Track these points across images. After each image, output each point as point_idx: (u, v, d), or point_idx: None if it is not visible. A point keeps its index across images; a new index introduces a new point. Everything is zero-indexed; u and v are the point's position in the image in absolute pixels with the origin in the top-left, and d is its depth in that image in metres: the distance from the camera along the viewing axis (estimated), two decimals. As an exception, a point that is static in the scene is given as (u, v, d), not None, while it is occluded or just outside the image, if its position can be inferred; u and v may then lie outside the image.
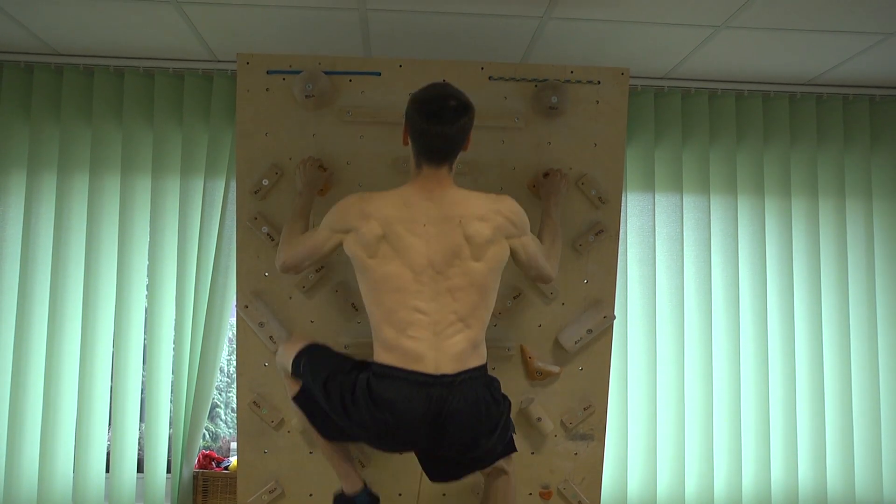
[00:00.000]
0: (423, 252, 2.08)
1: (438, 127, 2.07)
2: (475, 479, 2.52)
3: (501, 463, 2.27)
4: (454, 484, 2.41)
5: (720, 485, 3.32)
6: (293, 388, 2.33)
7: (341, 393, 2.11)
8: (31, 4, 2.75)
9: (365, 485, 2.35)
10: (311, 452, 2.68)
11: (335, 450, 2.32)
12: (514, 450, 2.28)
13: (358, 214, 2.13)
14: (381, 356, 2.09)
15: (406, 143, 2.20)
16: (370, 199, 2.15)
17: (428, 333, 2.06)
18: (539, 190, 2.61)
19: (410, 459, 2.44)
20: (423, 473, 2.29)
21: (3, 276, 3.22)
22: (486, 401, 2.09)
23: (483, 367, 2.13)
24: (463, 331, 2.08)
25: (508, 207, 2.17)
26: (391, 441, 2.13)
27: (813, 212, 3.42)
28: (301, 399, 2.29)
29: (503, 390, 2.23)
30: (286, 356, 2.36)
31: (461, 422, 2.04)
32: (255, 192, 2.63)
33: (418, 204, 2.11)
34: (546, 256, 2.33)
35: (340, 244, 2.18)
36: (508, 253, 2.17)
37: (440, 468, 2.26)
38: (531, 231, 2.27)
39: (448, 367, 2.05)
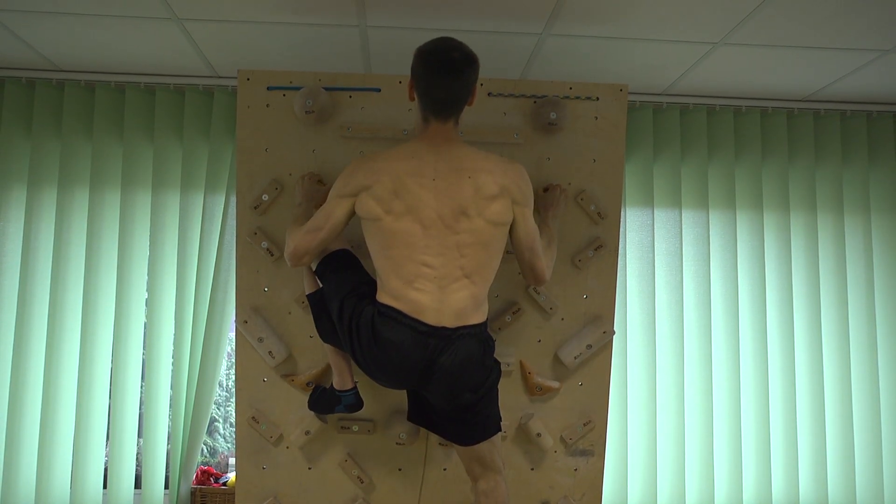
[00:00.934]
0: (433, 206, 2.10)
1: (443, 79, 2.10)
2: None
3: (489, 455, 2.26)
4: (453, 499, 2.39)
5: (721, 499, 3.31)
6: (311, 284, 2.39)
7: (350, 317, 2.16)
8: (32, 21, 2.76)
9: (355, 385, 2.44)
10: (309, 468, 2.67)
11: (335, 346, 2.38)
12: (499, 429, 2.29)
13: (367, 172, 2.14)
14: (386, 300, 2.12)
15: (412, 98, 2.21)
16: (376, 157, 2.17)
17: (433, 286, 2.09)
18: (538, 205, 2.60)
19: (410, 476, 2.44)
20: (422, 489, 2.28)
21: (2, 291, 3.22)
22: (477, 358, 2.13)
23: (482, 325, 2.17)
24: (468, 287, 2.11)
25: (517, 172, 2.19)
26: (382, 374, 2.18)
27: (811, 227, 3.42)
28: (314, 298, 2.37)
29: (505, 406, 2.21)
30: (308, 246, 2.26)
31: (451, 373, 2.10)
32: (255, 208, 2.63)
33: (426, 157, 2.13)
34: (543, 251, 2.32)
35: (352, 210, 2.17)
36: (512, 215, 2.17)
37: (431, 418, 2.30)
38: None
39: (448, 320, 2.09)
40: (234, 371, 2.77)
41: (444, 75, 2.10)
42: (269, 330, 2.64)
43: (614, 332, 2.73)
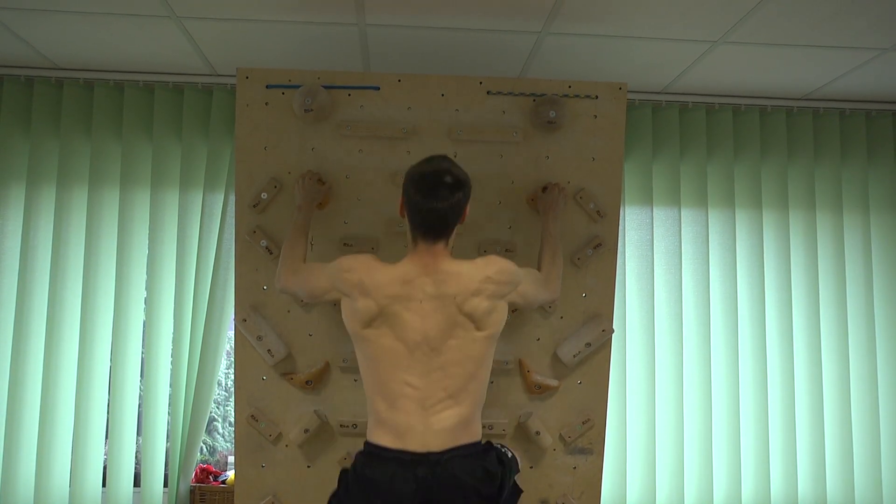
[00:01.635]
0: (419, 328, 2.07)
1: (433, 204, 2.07)
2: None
3: None
4: None
5: (720, 499, 3.31)
6: None
7: (345, 485, 2.10)
8: (31, 19, 2.76)
9: None
10: (308, 466, 2.67)
11: None
12: (521, 491, 2.24)
13: (356, 286, 2.12)
14: (374, 432, 2.09)
15: (402, 216, 2.19)
16: (371, 274, 2.12)
17: (416, 407, 2.05)
18: (538, 204, 2.61)
19: None
20: None
21: (1, 289, 3.22)
22: (478, 479, 2.04)
23: (475, 445, 2.10)
24: (452, 407, 2.06)
25: (497, 270, 2.16)
26: None
27: (810, 225, 3.43)
28: None
29: (504, 405, 2.20)
30: None
31: (451, 502, 2.01)
32: (254, 206, 2.63)
33: (415, 281, 2.10)
34: (545, 282, 2.35)
35: (339, 299, 2.19)
36: (507, 310, 2.18)
37: None
38: (533, 249, 2.27)
39: (435, 444, 2.03)
40: (233, 369, 2.77)
41: (435, 200, 2.06)
42: (269, 328, 2.64)
43: (613, 331, 2.73)
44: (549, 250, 2.44)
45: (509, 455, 2.22)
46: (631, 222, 3.37)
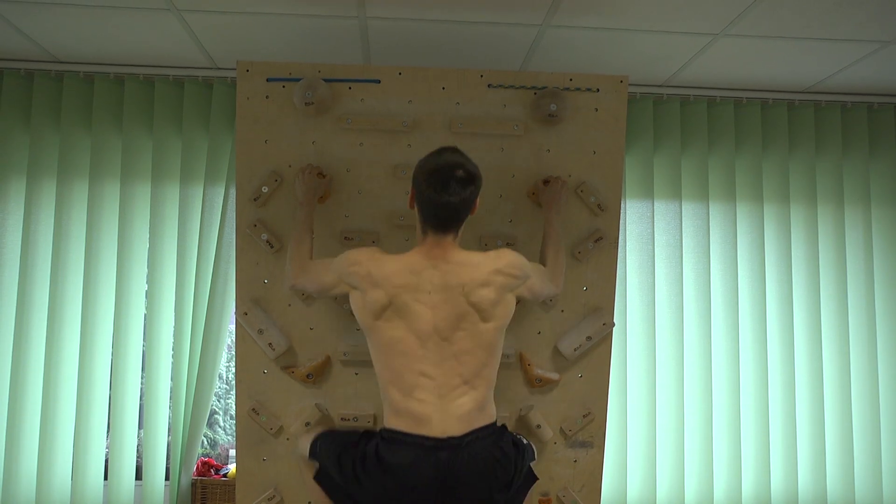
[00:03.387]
0: (429, 319, 2.09)
1: (444, 197, 2.08)
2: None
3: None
4: None
5: (720, 492, 3.32)
6: (311, 470, 2.34)
7: (353, 464, 2.11)
8: (31, 12, 2.75)
9: None
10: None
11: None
12: (535, 479, 2.27)
13: (365, 278, 2.13)
14: (390, 420, 2.10)
15: (411, 207, 2.20)
16: (379, 265, 2.14)
17: (433, 396, 2.07)
18: (539, 198, 2.61)
19: None
20: None
21: (2, 283, 3.22)
22: (496, 458, 2.07)
23: (492, 426, 2.13)
24: (468, 393, 2.09)
25: (507, 263, 2.17)
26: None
27: (812, 219, 3.42)
28: (320, 477, 2.29)
29: (505, 398, 2.21)
30: (303, 444, 2.38)
31: (471, 483, 2.04)
32: (255, 199, 2.63)
33: (424, 272, 2.12)
34: (551, 276, 2.37)
35: (348, 292, 2.20)
36: (514, 303, 2.19)
37: None
38: (534, 243, 2.27)
39: (454, 429, 2.05)
40: (234, 363, 2.78)
41: (446, 194, 2.07)
42: (269, 322, 2.64)
43: (614, 324, 2.73)
44: (552, 245, 2.45)
45: (524, 441, 2.25)
46: (632, 216, 3.37)
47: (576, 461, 2.72)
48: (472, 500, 2.06)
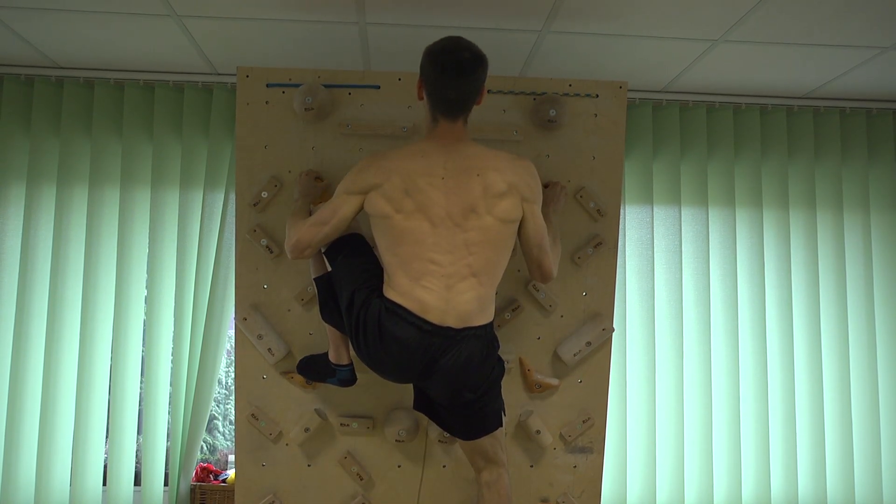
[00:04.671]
0: (443, 204, 2.11)
1: (453, 80, 2.10)
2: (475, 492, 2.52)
3: (491, 448, 2.27)
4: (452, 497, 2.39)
5: (720, 497, 3.31)
6: (318, 267, 2.38)
7: (359, 310, 2.16)
8: (32, 18, 2.76)
9: (351, 362, 2.45)
10: (309, 465, 2.67)
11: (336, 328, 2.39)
12: (500, 424, 2.30)
13: (378, 171, 2.15)
14: (395, 297, 2.12)
15: (421, 98, 2.21)
16: (387, 156, 2.18)
17: (440, 285, 2.10)
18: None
19: (409, 473, 2.44)
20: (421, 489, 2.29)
21: (1, 288, 3.22)
22: (478, 359, 2.14)
23: (488, 326, 2.17)
24: (475, 287, 2.12)
25: (526, 169, 2.20)
26: (384, 368, 2.19)
27: (811, 224, 3.43)
28: (322, 282, 2.35)
29: (505, 402, 2.21)
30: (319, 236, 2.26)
31: (449, 370, 2.11)
32: (255, 205, 2.63)
33: (435, 156, 2.14)
34: (548, 251, 2.33)
35: (360, 207, 2.19)
36: (521, 213, 2.18)
37: (434, 409, 2.30)
38: None
39: (453, 321, 2.10)
40: (233, 368, 2.77)
41: (455, 75, 2.10)
42: (269, 327, 2.64)
43: (614, 330, 2.73)
44: (550, 236, 2.39)
45: (499, 356, 2.29)
46: (631, 221, 3.37)
47: (575, 467, 2.72)
48: (447, 388, 2.15)
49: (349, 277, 2.24)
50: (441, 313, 2.09)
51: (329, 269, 2.33)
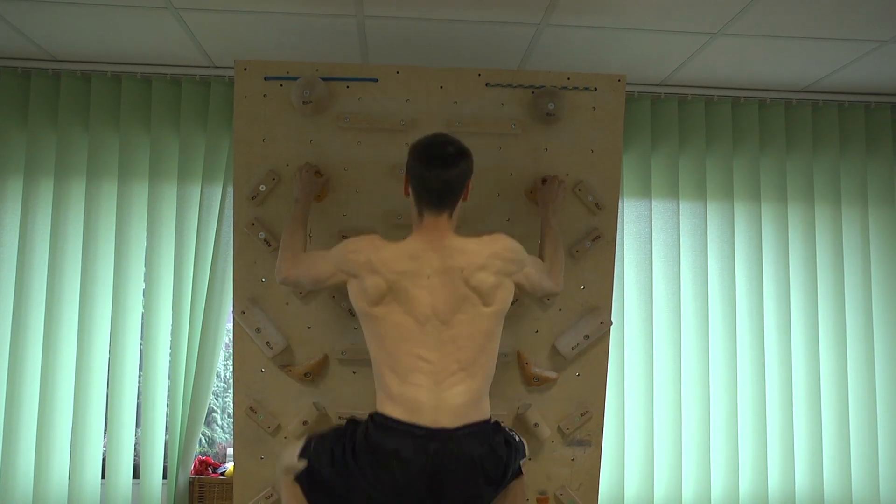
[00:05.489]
0: (428, 303, 2.09)
1: (437, 171, 2.10)
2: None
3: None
4: None
5: (717, 490, 3.32)
6: (290, 475, 2.22)
7: (344, 452, 2.09)
8: (28, 11, 2.75)
9: None
10: (307, 458, 2.67)
11: None
12: (521, 474, 2.24)
13: (364, 265, 2.12)
14: (384, 405, 2.08)
15: (407, 194, 2.21)
16: (377, 252, 2.13)
17: (430, 382, 2.05)
18: (537, 197, 2.61)
19: None
20: None
21: (-1, 282, 3.22)
22: (486, 456, 2.05)
23: (485, 422, 2.11)
24: (465, 381, 2.07)
25: (503, 247, 2.18)
26: (385, 492, 2.05)
27: (809, 218, 3.43)
28: (303, 476, 2.19)
29: (503, 396, 2.20)
30: (287, 453, 2.27)
31: (460, 478, 2.02)
32: (253, 198, 2.63)
33: (423, 256, 2.12)
34: (549, 272, 2.36)
35: (343, 284, 2.19)
36: (513, 289, 2.19)
37: None
38: (532, 241, 2.27)
39: (447, 420, 2.03)
40: (231, 361, 2.78)
41: (439, 167, 2.10)
42: (267, 320, 2.64)
43: (612, 323, 2.73)
44: (550, 243, 2.45)
45: (516, 439, 2.23)
46: (629, 215, 3.38)
47: (573, 460, 2.73)
48: (460, 493, 2.05)
49: (325, 446, 2.15)
50: (433, 412, 2.03)
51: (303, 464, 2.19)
